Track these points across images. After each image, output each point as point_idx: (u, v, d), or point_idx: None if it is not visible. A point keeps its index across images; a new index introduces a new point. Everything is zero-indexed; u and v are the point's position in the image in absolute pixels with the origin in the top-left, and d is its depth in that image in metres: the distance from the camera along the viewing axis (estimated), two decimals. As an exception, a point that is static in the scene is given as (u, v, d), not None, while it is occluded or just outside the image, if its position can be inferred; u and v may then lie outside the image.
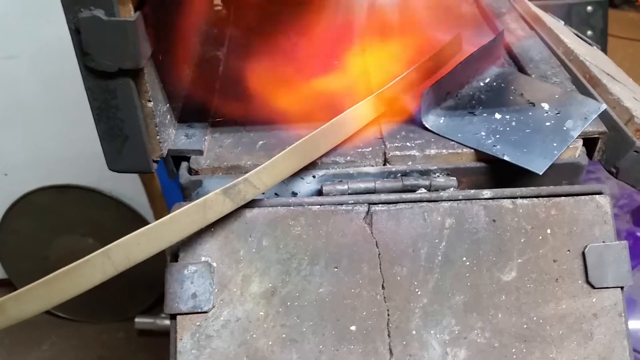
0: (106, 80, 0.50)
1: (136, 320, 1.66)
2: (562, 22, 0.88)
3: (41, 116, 1.49)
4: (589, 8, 1.23)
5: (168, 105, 0.59)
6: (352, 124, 0.60)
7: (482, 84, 0.68)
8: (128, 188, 1.60)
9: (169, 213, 0.51)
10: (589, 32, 1.25)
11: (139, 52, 0.48)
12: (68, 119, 1.47)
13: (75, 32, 0.47)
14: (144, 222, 1.60)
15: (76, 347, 1.68)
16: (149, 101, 0.54)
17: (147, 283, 1.65)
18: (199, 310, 0.52)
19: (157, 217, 1.64)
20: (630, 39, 2.30)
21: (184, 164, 0.61)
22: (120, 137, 0.54)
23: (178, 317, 0.52)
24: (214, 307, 0.52)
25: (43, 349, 1.67)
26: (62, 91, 1.41)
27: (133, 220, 1.61)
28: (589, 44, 0.86)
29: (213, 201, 0.51)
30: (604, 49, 1.25)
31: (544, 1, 1.17)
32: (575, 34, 0.86)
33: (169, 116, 0.60)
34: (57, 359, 1.65)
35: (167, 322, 1.64)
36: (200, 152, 0.60)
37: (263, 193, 0.59)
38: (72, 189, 1.58)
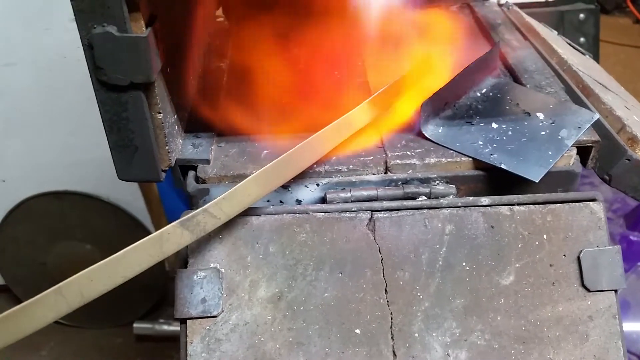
0: (118, 93, 0.52)
1: (134, 325, 1.66)
2: (556, 32, 0.90)
3: (39, 123, 1.49)
4: (581, 15, 1.26)
5: (176, 116, 0.61)
6: (319, 148, 0.59)
7: (479, 94, 0.70)
8: (126, 194, 1.60)
9: (166, 218, 0.51)
10: (582, 39, 1.27)
11: (151, 67, 0.50)
12: (66, 125, 1.48)
13: (89, 47, 0.49)
14: (142, 227, 1.61)
15: (75, 352, 1.68)
16: (159, 113, 0.55)
17: (146, 289, 1.66)
18: (209, 315, 0.54)
19: (154, 222, 1.65)
20: (622, 45, 2.34)
21: (191, 173, 0.62)
22: (130, 148, 0.56)
23: (188, 321, 0.54)
24: (222, 311, 0.54)
25: (42, 355, 1.67)
26: (60, 98, 1.42)
27: (130, 226, 1.61)
28: (582, 53, 0.88)
29: (170, 234, 0.51)
30: (597, 55, 1.27)
31: (537, 9, 1.19)
32: (568, 43, 0.88)
33: (176, 127, 0.61)
34: (55, 364, 1.65)
35: (166, 327, 1.65)
36: (207, 162, 0.62)
37: (268, 201, 0.61)
38: (70, 195, 1.58)
